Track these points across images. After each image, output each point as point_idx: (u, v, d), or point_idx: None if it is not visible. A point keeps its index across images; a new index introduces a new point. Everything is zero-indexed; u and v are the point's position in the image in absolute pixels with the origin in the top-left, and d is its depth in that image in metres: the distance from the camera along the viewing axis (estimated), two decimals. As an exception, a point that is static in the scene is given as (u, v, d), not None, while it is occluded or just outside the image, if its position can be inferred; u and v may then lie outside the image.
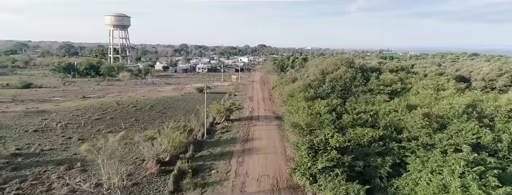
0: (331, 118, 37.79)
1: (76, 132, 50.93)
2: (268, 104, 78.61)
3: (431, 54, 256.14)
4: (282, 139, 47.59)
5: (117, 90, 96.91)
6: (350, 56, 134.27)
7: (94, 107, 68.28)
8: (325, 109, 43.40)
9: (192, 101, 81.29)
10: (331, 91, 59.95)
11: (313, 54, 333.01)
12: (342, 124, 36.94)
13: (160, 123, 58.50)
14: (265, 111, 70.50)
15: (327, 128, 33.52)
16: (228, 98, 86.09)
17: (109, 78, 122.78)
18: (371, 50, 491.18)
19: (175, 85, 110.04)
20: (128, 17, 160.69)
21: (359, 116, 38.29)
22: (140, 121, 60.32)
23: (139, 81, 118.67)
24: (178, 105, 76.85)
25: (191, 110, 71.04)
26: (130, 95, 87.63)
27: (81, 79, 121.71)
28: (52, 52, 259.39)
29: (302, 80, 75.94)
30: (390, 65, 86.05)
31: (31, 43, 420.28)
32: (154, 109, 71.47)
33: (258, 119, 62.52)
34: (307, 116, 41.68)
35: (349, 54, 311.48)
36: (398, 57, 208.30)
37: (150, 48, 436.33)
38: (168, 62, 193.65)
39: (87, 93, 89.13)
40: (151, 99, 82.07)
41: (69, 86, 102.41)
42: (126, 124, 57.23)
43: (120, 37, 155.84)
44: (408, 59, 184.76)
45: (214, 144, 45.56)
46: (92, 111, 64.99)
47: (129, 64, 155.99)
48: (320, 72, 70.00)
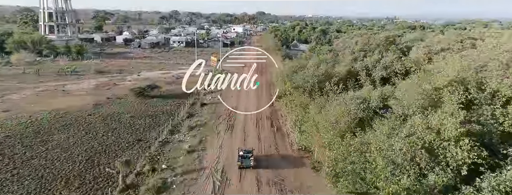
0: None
1: None
2: (272, 151, 33.46)
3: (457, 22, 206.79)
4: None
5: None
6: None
7: None
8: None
9: (106, 129, 37.35)
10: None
11: (317, 22, 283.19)
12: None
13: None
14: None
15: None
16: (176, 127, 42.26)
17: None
18: (376, 18, 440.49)
19: (109, 77, 65.25)
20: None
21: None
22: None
23: (51, 66, 72.86)
24: (61, 146, 32.83)
25: (85, 171, 27.35)
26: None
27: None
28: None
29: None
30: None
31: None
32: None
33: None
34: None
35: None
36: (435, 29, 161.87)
37: (134, 15, 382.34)
38: (133, 33, 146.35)
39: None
40: (19, 118, 38.27)
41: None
42: None
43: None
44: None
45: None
46: None
47: (69, 35, 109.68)
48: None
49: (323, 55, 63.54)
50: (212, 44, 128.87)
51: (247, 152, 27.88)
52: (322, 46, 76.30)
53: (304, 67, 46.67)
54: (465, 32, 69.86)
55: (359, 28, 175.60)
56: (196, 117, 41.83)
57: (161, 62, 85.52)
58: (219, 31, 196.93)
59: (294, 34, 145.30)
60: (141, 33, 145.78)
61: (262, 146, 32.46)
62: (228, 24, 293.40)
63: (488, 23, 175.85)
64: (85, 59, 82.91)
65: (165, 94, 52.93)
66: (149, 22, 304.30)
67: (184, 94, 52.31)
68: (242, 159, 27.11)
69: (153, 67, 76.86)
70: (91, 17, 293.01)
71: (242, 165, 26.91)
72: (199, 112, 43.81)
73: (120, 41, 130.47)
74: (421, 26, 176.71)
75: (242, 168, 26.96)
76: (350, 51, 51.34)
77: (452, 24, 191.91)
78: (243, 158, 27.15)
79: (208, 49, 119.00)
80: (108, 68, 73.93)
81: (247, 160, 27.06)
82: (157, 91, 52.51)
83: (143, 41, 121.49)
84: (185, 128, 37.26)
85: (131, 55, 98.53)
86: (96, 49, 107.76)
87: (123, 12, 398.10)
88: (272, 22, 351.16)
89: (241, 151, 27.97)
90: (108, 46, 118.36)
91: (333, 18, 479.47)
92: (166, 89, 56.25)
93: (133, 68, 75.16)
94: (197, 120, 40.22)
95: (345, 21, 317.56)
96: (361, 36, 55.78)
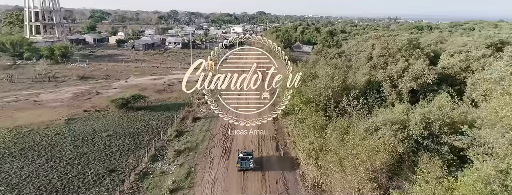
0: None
1: None
2: (280, 188, 26.73)
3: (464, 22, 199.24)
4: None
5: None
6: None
7: None
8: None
9: (74, 154, 30.34)
10: None
11: (318, 22, 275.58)
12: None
13: None
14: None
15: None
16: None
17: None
18: (378, 18, 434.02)
19: (93, 83, 58.25)
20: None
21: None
22: None
23: (31, 71, 65.67)
24: (7, 183, 25.84)
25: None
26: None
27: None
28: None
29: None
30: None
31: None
32: None
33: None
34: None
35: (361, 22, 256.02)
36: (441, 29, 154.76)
37: (131, 15, 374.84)
38: (128, 33, 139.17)
39: None
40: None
41: None
42: None
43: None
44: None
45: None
46: None
47: (57, 36, 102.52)
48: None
49: (332, 59, 56.64)
50: (210, 45, 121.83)
51: (247, 154, 26.80)
52: (330, 49, 69.19)
53: (314, 75, 39.77)
54: (490, 34, 62.77)
55: (363, 28, 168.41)
56: (186, 136, 34.89)
57: (153, 65, 78.48)
58: (218, 31, 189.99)
59: (297, 35, 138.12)
60: (136, 33, 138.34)
61: (266, 178, 25.55)
62: (227, 24, 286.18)
63: (497, 24, 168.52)
64: (71, 63, 75.85)
65: (153, 105, 46.02)
66: (147, 22, 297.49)
67: (174, 105, 45.81)
68: (242, 161, 26.00)
69: (144, 72, 69.84)
70: (87, 17, 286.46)
71: (241, 167, 25.87)
72: (190, 129, 36.87)
73: (113, 42, 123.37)
74: (428, 26, 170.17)
75: (242, 171, 25.89)
76: (366, 56, 44.40)
77: (460, 24, 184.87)
78: (243, 160, 26.02)
79: (206, 50, 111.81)
80: (94, 73, 66.86)
81: (246, 162, 25.93)
82: (144, 101, 45.63)
83: (137, 42, 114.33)
84: (171, 152, 30.34)
85: (122, 57, 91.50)
86: (86, 51, 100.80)
87: (123, 12, 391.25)
88: (272, 22, 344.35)
89: (241, 153, 26.85)
90: (100, 48, 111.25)
91: (334, 18, 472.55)
92: (155, 98, 49.39)
93: (121, 73, 68.17)
94: (187, 141, 33.31)
95: (347, 21, 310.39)
96: (377, 38, 48.80)
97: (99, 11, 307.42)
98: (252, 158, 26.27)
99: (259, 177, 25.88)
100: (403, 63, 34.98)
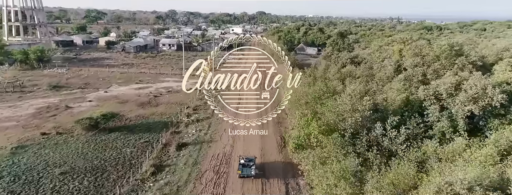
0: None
1: None
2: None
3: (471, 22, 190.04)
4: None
5: None
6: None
7: None
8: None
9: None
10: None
11: (320, 22, 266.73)
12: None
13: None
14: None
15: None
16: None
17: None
18: (379, 18, 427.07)
19: (65, 95, 49.58)
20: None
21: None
22: None
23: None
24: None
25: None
26: None
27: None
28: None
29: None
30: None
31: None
32: None
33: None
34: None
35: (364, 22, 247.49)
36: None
37: (129, 15, 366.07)
38: (119, 34, 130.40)
39: None
40: None
41: None
42: None
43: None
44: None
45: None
46: None
47: (42, 38, 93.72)
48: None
49: (344, 66, 48.18)
50: (207, 47, 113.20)
51: (249, 160, 25.47)
52: (340, 52, 60.65)
53: (331, 91, 31.23)
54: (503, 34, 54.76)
55: (369, 29, 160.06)
56: (167, 173, 26.35)
57: (141, 71, 69.83)
58: (217, 31, 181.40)
59: (299, 36, 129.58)
60: (127, 34, 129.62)
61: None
62: (226, 24, 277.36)
63: (510, 23, 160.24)
64: (48, 68, 67.20)
65: (131, 124, 37.43)
66: (144, 22, 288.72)
67: (158, 124, 37.31)
68: (243, 167, 24.72)
69: (129, 79, 61.18)
70: (82, 16, 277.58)
71: (242, 174, 24.61)
72: (173, 163, 28.28)
73: (103, 44, 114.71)
74: (438, 27, 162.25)
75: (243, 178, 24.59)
76: (393, 65, 35.86)
77: (470, 25, 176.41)
78: (244, 166, 24.76)
79: (203, 53, 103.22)
80: (71, 81, 58.21)
81: (248, 169, 24.65)
82: (120, 120, 37.07)
83: (128, 44, 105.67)
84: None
85: (109, 61, 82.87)
86: (71, 53, 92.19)
87: (121, 12, 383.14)
88: (272, 22, 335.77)
89: (242, 159, 25.50)
90: (88, 50, 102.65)
91: (334, 18, 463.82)
92: (136, 114, 40.81)
93: (103, 81, 59.57)
94: (166, 182, 24.76)
95: (349, 21, 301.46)
96: (403, 42, 40.25)
97: (95, 10, 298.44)
98: (253, 165, 24.89)
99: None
100: (454, 76, 26.46)
